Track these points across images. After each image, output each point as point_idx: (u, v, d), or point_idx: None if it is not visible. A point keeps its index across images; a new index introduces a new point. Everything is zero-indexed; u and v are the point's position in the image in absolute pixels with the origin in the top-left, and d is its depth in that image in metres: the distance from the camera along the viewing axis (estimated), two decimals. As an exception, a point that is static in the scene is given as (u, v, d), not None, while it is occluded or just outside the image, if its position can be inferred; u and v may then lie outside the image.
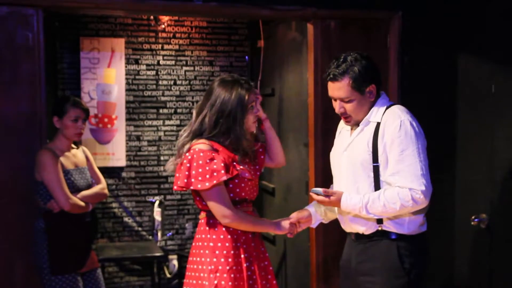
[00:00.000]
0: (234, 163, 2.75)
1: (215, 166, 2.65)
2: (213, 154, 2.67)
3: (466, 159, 3.75)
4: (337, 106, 2.80)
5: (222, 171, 2.65)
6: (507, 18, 3.40)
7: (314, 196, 2.75)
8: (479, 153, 3.62)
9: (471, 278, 3.73)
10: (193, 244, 2.87)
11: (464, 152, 3.78)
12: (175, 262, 5.63)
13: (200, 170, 2.65)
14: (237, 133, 2.72)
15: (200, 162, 2.65)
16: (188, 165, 2.67)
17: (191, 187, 2.67)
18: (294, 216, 2.94)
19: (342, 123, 2.97)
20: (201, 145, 2.70)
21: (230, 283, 2.69)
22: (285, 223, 2.87)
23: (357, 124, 2.81)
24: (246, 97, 2.72)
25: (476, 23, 3.65)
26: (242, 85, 2.74)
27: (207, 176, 2.64)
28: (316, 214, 2.98)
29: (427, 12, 3.97)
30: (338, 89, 2.74)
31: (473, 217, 3.51)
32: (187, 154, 2.70)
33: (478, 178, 3.62)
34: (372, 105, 2.77)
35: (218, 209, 2.70)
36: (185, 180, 2.67)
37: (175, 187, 2.76)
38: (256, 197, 2.93)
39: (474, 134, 3.68)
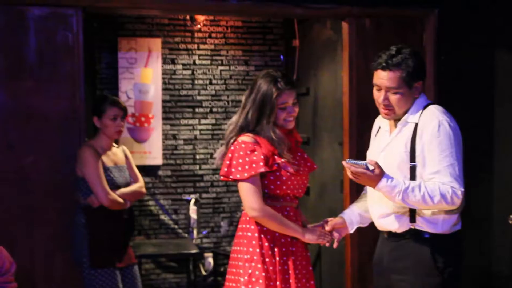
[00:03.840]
0: (275, 156, 2.79)
1: (254, 158, 2.72)
2: (254, 146, 2.75)
3: (504, 158, 3.70)
4: (381, 96, 2.75)
5: (261, 163, 2.72)
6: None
7: (350, 167, 2.59)
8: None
9: (509, 278, 3.68)
10: (236, 234, 2.94)
11: (502, 151, 3.74)
12: (211, 260, 5.68)
13: (240, 160, 2.74)
14: (263, 127, 2.78)
15: (241, 153, 2.74)
16: (230, 155, 2.78)
17: (231, 176, 2.76)
18: (329, 224, 2.93)
19: (378, 121, 2.95)
20: (245, 137, 2.78)
21: (263, 274, 2.74)
22: (312, 234, 2.85)
23: (395, 119, 2.79)
24: (275, 95, 2.76)
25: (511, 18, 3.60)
26: (276, 83, 2.78)
27: (246, 167, 2.72)
28: (352, 219, 2.96)
29: (464, 9, 3.94)
30: (388, 78, 2.71)
31: (510, 216, 3.47)
32: (231, 145, 2.80)
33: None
34: (413, 104, 2.76)
35: (248, 201, 2.76)
36: (225, 169, 2.78)
37: (221, 177, 2.85)
38: (303, 194, 2.95)
39: (512, 132, 3.64)
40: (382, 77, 2.73)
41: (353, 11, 3.96)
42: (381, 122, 2.92)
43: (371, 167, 2.59)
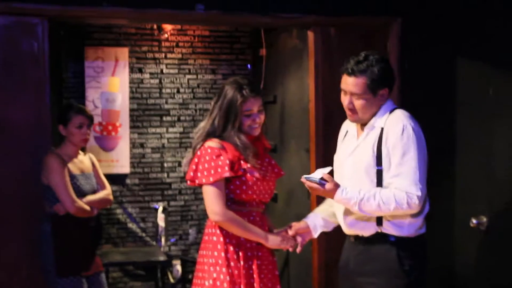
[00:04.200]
0: (241, 161, 2.82)
1: (220, 163, 2.76)
2: (220, 151, 2.78)
3: (465, 161, 3.78)
4: (346, 100, 2.80)
5: (226, 168, 2.75)
6: (504, 22, 3.45)
7: (307, 183, 2.71)
8: (478, 156, 3.66)
9: (471, 280, 3.76)
10: (202, 239, 2.96)
11: (463, 154, 3.82)
12: (179, 268, 5.66)
13: (206, 165, 2.77)
14: (229, 133, 2.82)
15: (207, 158, 2.78)
16: (196, 160, 2.82)
17: (196, 181, 2.80)
18: (292, 228, 2.96)
19: (345, 125, 2.99)
20: (211, 142, 2.81)
21: (228, 278, 2.77)
22: (276, 239, 2.88)
23: (360, 123, 2.84)
24: (239, 102, 2.80)
25: (474, 28, 3.69)
26: (242, 90, 2.83)
27: (212, 171, 2.76)
28: (315, 224, 2.99)
29: (426, 18, 4.02)
30: (353, 84, 2.74)
31: (472, 219, 3.54)
32: (198, 151, 2.84)
33: (477, 180, 3.65)
34: (379, 109, 2.80)
35: (210, 205, 2.79)
36: (192, 174, 2.82)
37: (187, 182, 2.90)
38: (270, 199, 2.98)
39: (473, 137, 3.72)
40: (347, 83, 2.77)
41: (318, 20, 4.01)
42: (348, 126, 2.96)
43: (324, 182, 2.67)
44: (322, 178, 2.67)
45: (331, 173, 2.79)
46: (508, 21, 3.42)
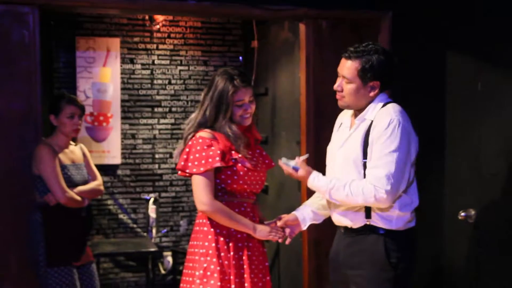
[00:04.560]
0: (232, 152, 2.83)
1: (211, 153, 2.76)
2: (212, 141, 2.78)
3: (455, 155, 3.81)
4: (337, 82, 2.84)
5: (217, 158, 2.76)
6: (492, 16, 3.47)
7: (283, 166, 2.84)
8: (466, 150, 3.69)
9: (459, 272, 3.79)
10: (193, 229, 2.97)
11: (452, 148, 3.85)
12: (170, 259, 5.68)
13: (197, 155, 2.78)
14: (220, 123, 2.83)
15: (198, 148, 2.78)
16: (187, 150, 2.82)
17: (187, 171, 2.80)
18: (281, 220, 2.98)
19: (341, 117, 3.00)
20: (203, 133, 2.82)
21: (218, 268, 2.78)
22: (264, 230, 2.89)
23: (348, 109, 2.87)
24: (230, 92, 2.81)
25: (463, 21, 3.71)
26: (233, 81, 2.84)
27: (203, 161, 2.76)
28: (304, 216, 3.01)
29: (417, 12, 4.03)
30: (346, 67, 2.78)
31: (461, 212, 3.57)
32: (189, 141, 2.85)
33: (466, 174, 3.68)
34: (370, 101, 2.80)
35: (199, 194, 2.79)
36: (182, 163, 2.82)
37: (178, 172, 2.90)
38: (260, 190, 2.99)
39: (462, 131, 3.75)
40: (342, 65, 2.81)
41: (310, 13, 4.02)
42: (343, 118, 2.97)
43: (297, 167, 2.81)
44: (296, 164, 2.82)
45: (311, 162, 2.92)
46: (498, 16, 3.44)
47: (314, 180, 2.77)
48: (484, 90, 3.52)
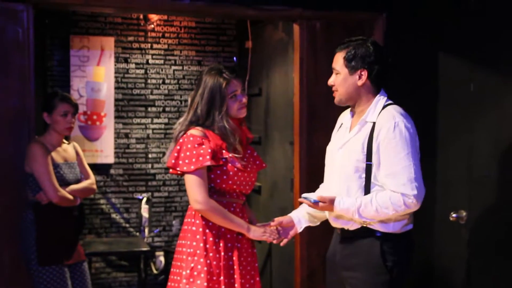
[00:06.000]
0: (223, 151, 2.83)
1: (202, 151, 2.76)
2: (203, 140, 2.78)
3: (446, 156, 3.83)
4: (331, 77, 2.88)
5: (208, 157, 2.75)
6: (484, 17, 3.49)
7: (305, 201, 2.79)
8: (458, 151, 3.70)
9: (450, 273, 3.81)
10: (181, 228, 2.96)
11: (444, 149, 3.86)
12: (162, 259, 5.68)
13: (188, 153, 2.77)
14: (216, 119, 2.83)
15: (189, 146, 2.78)
16: (178, 147, 2.81)
17: (178, 168, 2.79)
18: (275, 220, 2.98)
19: (341, 118, 2.99)
20: (194, 130, 2.82)
21: (205, 268, 2.77)
22: (257, 230, 2.89)
23: (342, 105, 2.87)
24: (224, 85, 2.82)
25: (456, 23, 3.73)
26: (222, 74, 2.85)
27: (194, 159, 2.76)
28: (300, 219, 3.01)
29: (411, 13, 4.05)
30: (335, 60, 2.83)
31: (452, 214, 3.58)
32: (180, 138, 2.84)
33: (458, 175, 3.70)
34: (362, 94, 2.80)
35: (193, 193, 2.79)
36: (173, 161, 2.81)
37: (170, 170, 2.90)
38: (250, 191, 2.98)
39: (454, 132, 3.76)
40: (334, 59, 2.85)
41: (304, 14, 4.03)
42: (343, 119, 2.96)
43: (317, 200, 2.74)
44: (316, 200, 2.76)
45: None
46: (491, 17, 3.46)
47: (340, 204, 2.70)
48: (476, 92, 3.53)
